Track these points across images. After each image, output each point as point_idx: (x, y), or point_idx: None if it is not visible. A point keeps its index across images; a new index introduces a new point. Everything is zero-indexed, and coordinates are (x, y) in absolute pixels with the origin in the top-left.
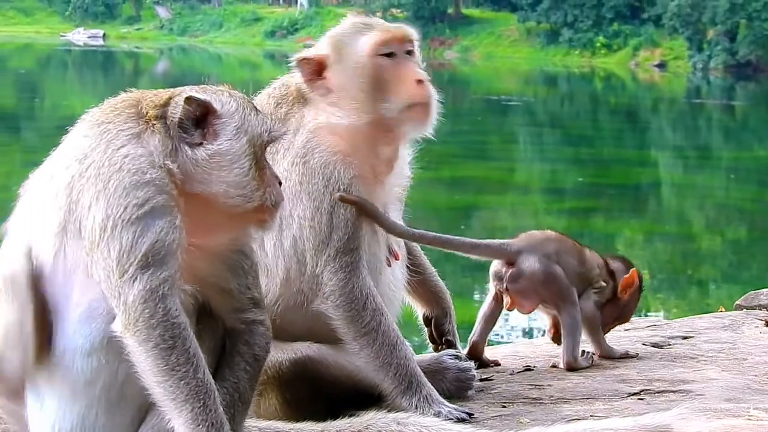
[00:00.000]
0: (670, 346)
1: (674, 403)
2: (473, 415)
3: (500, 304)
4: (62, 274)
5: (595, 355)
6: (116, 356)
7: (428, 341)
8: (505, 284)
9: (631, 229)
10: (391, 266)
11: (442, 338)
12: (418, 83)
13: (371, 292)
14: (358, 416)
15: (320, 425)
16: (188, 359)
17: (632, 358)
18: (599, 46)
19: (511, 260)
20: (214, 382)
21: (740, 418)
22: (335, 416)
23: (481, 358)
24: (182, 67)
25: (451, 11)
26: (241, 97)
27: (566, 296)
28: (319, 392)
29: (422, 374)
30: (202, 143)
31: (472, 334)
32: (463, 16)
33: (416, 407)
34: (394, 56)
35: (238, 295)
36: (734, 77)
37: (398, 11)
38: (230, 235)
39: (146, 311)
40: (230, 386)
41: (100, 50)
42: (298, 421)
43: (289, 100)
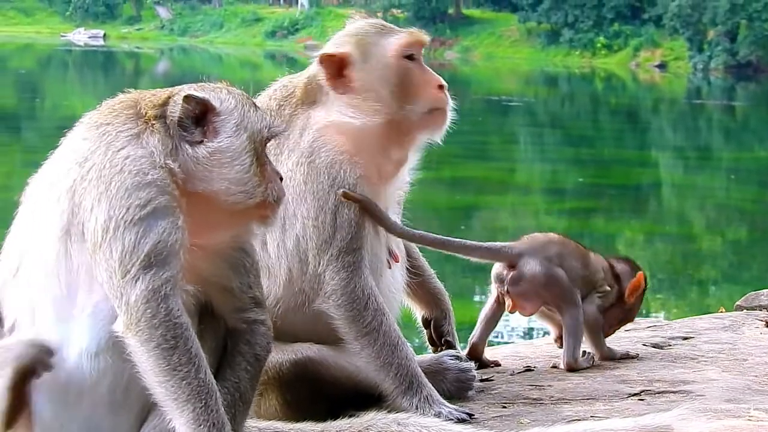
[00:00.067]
0: (670, 346)
1: (674, 403)
2: (473, 415)
3: (502, 306)
4: (67, 276)
5: (595, 356)
6: (121, 357)
7: (427, 343)
8: (506, 287)
9: (631, 229)
10: (391, 268)
11: (441, 340)
12: (440, 88)
13: (373, 292)
14: (358, 417)
15: (320, 426)
16: (190, 359)
17: (632, 358)
18: (600, 46)
19: (512, 263)
20: (215, 382)
21: (740, 418)
22: (335, 417)
23: (481, 358)
24: (183, 67)
25: (451, 11)
26: (239, 93)
27: (568, 298)
28: (319, 393)
29: (423, 375)
30: (202, 141)
31: (472, 335)
32: (463, 16)
33: (417, 408)
34: (414, 59)
35: (239, 294)
36: (735, 78)
37: (399, 11)
38: (232, 233)
39: (148, 311)
40: (231, 386)
41: (100, 50)
42: (298, 421)
43: (292, 101)
